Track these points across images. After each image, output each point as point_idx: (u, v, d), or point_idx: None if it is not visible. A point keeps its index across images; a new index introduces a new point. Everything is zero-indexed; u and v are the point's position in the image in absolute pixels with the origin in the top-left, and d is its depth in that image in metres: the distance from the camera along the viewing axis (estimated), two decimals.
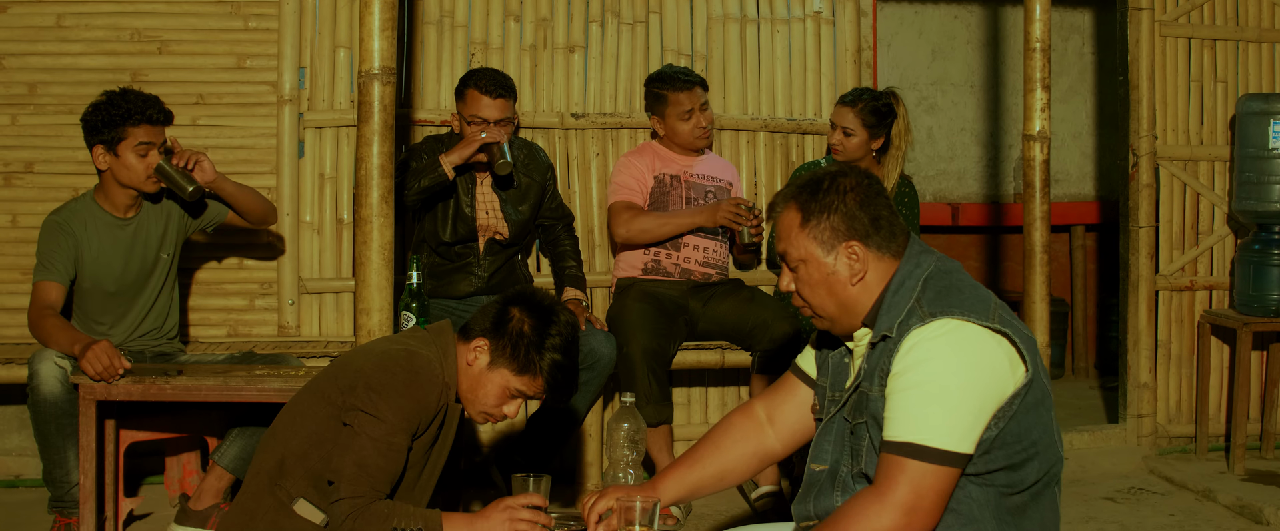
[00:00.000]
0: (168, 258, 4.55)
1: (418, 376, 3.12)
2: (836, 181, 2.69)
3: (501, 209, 4.93)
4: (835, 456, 2.75)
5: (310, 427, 3.16)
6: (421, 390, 3.12)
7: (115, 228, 4.42)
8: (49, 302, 4.25)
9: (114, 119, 4.28)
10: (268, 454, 3.21)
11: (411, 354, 3.16)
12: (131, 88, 4.43)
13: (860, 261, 2.67)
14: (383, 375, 3.09)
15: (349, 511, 3.00)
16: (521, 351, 3.16)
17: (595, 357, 4.66)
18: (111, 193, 4.40)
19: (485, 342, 3.19)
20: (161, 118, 4.37)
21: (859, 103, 5.03)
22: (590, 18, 5.49)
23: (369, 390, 3.07)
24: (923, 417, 2.49)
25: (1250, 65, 5.87)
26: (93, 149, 4.34)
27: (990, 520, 2.58)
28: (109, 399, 4.00)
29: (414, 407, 3.10)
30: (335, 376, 3.19)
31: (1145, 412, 5.79)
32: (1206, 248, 5.85)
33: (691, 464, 3.00)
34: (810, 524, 2.75)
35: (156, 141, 4.36)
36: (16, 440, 5.17)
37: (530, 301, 3.21)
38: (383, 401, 3.06)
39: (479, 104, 4.75)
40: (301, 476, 3.15)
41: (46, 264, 4.31)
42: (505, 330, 3.17)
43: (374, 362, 3.14)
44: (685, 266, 5.06)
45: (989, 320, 2.54)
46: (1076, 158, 8.06)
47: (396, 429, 3.06)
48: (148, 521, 4.64)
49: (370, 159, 3.80)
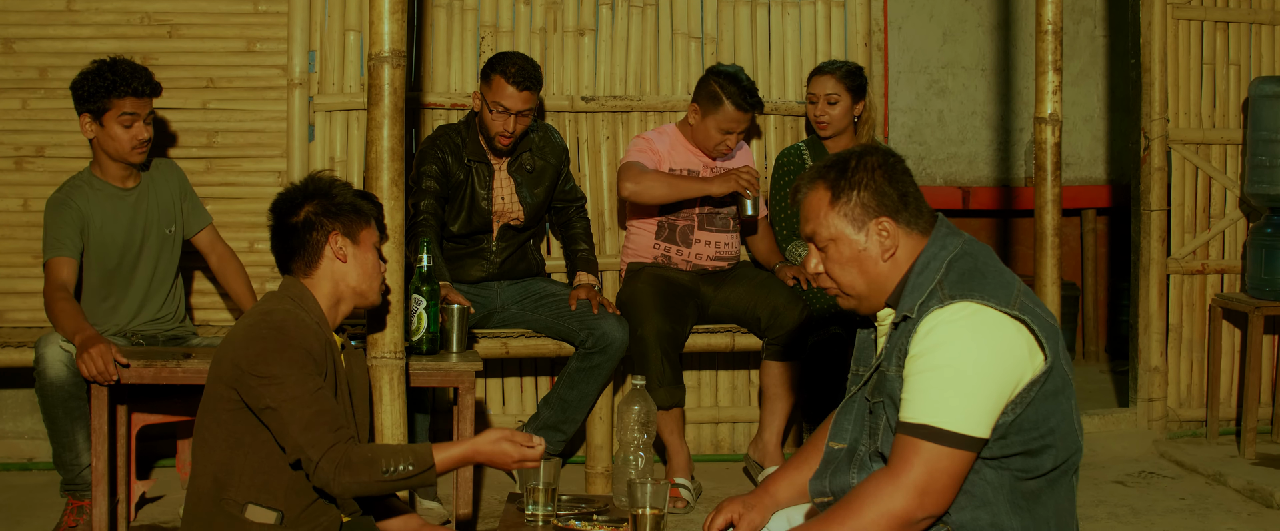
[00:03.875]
0: (171, 233, 4.56)
1: (284, 327, 3.07)
2: (863, 159, 2.69)
3: (517, 192, 4.92)
4: (854, 435, 2.76)
5: (222, 433, 3.10)
6: (296, 336, 3.06)
7: (116, 197, 4.44)
8: (61, 282, 4.27)
9: (100, 89, 4.32)
10: (200, 477, 3.14)
11: (266, 313, 3.13)
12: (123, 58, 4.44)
13: (891, 237, 2.67)
14: (256, 346, 3.04)
15: (330, 468, 2.93)
16: (351, 207, 3.25)
17: (607, 341, 4.65)
18: (104, 163, 4.45)
19: (334, 232, 3.22)
20: (148, 90, 4.40)
21: (839, 68, 5.11)
22: (600, 0, 5.48)
23: (252, 365, 3.01)
24: (939, 400, 2.49)
25: (1263, 47, 5.84)
26: (81, 117, 4.39)
27: (1004, 503, 2.58)
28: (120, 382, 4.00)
29: (299, 353, 3.04)
30: (216, 378, 3.12)
31: (1156, 396, 5.78)
32: (1218, 231, 5.83)
33: (800, 465, 2.96)
34: (826, 500, 2.75)
35: (142, 112, 4.39)
36: (28, 423, 5.19)
37: (302, 194, 3.26)
38: (270, 366, 3.00)
39: (503, 92, 4.72)
40: (240, 483, 3.08)
41: (55, 240, 4.33)
42: (327, 215, 3.22)
43: (241, 343, 3.08)
44: (697, 263, 5.04)
45: (1010, 306, 2.53)
46: (1088, 141, 8.03)
47: (300, 378, 3.00)
48: (160, 503, 4.66)
49: (380, 142, 3.79)
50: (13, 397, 5.20)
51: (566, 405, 4.78)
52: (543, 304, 4.86)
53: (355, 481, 2.94)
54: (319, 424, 2.97)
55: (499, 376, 5.40)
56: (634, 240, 5.12)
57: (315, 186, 3.27)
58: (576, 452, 5.28)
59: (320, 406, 3.00)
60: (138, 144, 4.40)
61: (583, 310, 4.72)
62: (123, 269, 4.47)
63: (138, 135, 4.38)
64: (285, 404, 2.98)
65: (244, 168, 5.23)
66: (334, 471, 2.93)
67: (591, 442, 4.92)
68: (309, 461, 2.95)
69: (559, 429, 4.80)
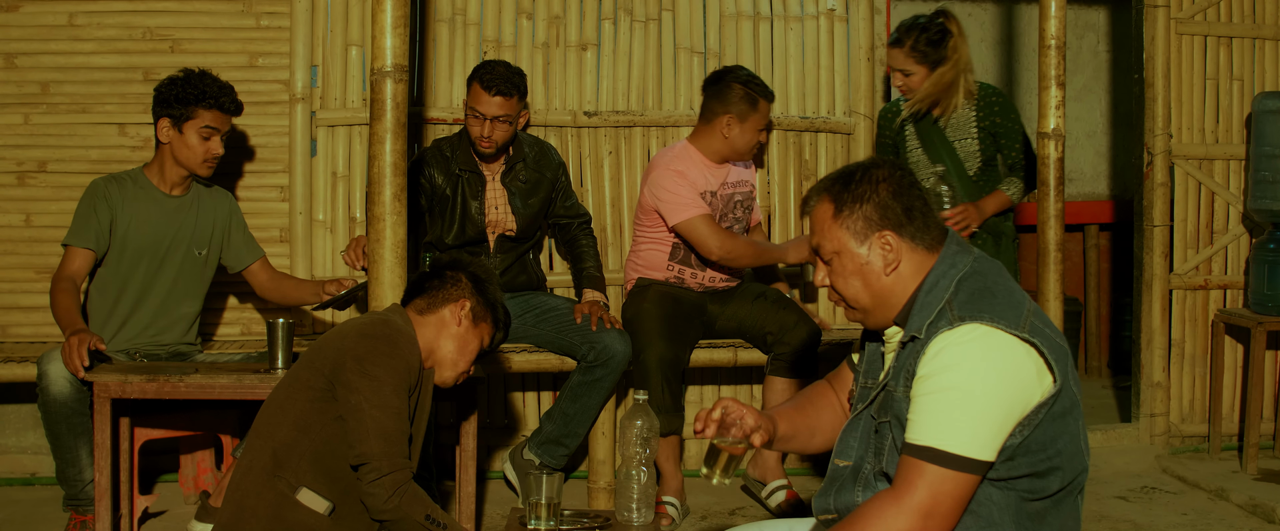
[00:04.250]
0: (199, 255, 4.57)
1: (397, 339, 3.24)
2: (869, 172, 2.70)
3: (510, 203, 4.92)
4: (859, 453, 2.76)
5: (294, 416, 3.19)
6: (405, 350, 3.23)
7: (157, 202, 4.48)
8: (70, 273, 4.33)
9: (187, 97, 4.40)
10: (257, 450, 3.22)
11: (385, 321, 3.30)
12: (210, 72, 4.51)
13: (894, 251, 2.67)
14: (367, 343, 3.18)
15: (392, 489, 3.05)
16: (488, 305, 3.46)
17: (609, 355, 4.65)
18: (165, 168, 4.49)
19: (469, 302, 3.42)
20: (232, 108, 4.51)
21: (907, 39, 4.89)
22: (603, 15, 5.48)
23: (359, 361, 3.14)
24: (946, 423, 2.49)
25: (1267, 63, 5.84)
26: (159, 120, 4.44)
27: (1010, 524, 2.58)
28: (123, 397, 4.00)
29: (403, 367, 3.19)
30: (310, 363, 3.24)
31: (1158, 412, 5.77)
32: (1221, 247, 5.82)
33: (796, 410, 3.00)
34: (830, 517, 2.75)
35: (222, 128, 4.48)
36: (31, 438, 5.18)
37: (457, 263, 3.51)
38: (376, 367, 3.13)
39: (479, 98, 4.75)
40: (299, 465, 3.17)
41: (79, 229, 4.39)
42: (469, 289, 3.44)
43: (353, 338, 3.22)
44: (709, 285, 5.03)
45: (1019, 328, 2.52)
46: (1091, 156, 8.03)
47: (397, 390, 3.14)
48: (163, 519, 4.65)
49: (383, 157, 3.80)
50: (15, 413, 5.20)
51: (569, 419, 4.77)
52: (545, 318, 4.86)
53: (402, 509, 3.08)
54: (398, 440, 3.11)
55: (501, 391, 5.40)
56: (645, 255, 5.03)
57: (484, 271, 3.51)
58: (578, 467, 5.28)
59: (402, 426, 3.14)
60: (210, 157, 4.47)
61: (585, 324, 4.72)
62: (138, 275, 4.47)
63: (212, 149, 4.46)
64: (374, 406, 3.10)
65: (246, 182, 5.23)
66: (393, 490, 3.06)
67: (594, 458, 4.92)
68: (375, 469, 3.06)
69: (561, 443, 4.79)
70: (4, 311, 5.13)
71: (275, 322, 4.04)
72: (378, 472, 3.05)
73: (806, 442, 3.00)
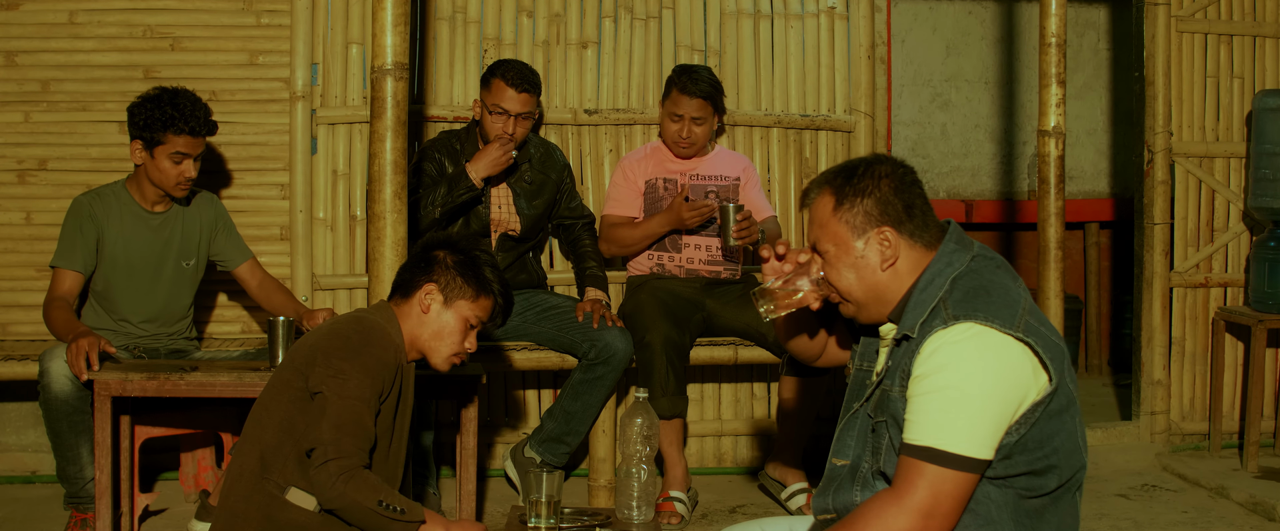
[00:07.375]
0: (188, 266, 4.57)
1: (370, 336, 3.21)
2: (872, 167, 2.70)
3: (515, 203, 4.93)
4: (857, 452, 2.76)
5: (278, 417, 3.19)
6: (377, 347, 3.20)
7: (141, 219, 4.46)
8: (61, 293, 4.33)
9: (157, 121, 4.33)
10: (245, 455, 3.22)
11: (359, 319, 3.29)
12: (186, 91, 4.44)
13: (892, 247, 2.67)
14: (336, 340, 3.18)
15: (338, 473, 3.01)
16: (470, 278, 3.34)
17: (610, 352, 4.65)
18: (143, 185, 4.47)
19: (433, 285, 3.34)
20: (204, 130, 4.42)
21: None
22: (603, 13, 5.48)
23: (327, 357, 3.14)
24: (943, 422, 2.49)
25: (1268, 60, 5.83)
26: (132, 141, 4.40)
27: (1008, 521, 2.58)
28: (124, 395, 4.00)
29: (374, 364, 3.17)
30: (291, 363, 3.25)
31: (1159, 410, 5.77)
32: (1221, 244, 5.82)
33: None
34: (829, 516, 2.75)
35: (194, 153, 4.41)
36: (32, 436, 5.19)
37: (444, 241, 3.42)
38: (341, 361, 3.13)
39: (503, 95, 4.77)
40: (285, 466, 3.16)
41: (66, 251, 4.38)
42: (443, 267, 3.35)
43: (325, 335, 3.23)
44: (690, 267, 5.04)
45: (1013, 327, 2.52)
46: (1091, 154, 8.03)
47: (363, 385, 3.12)
48: (163, 517, 4.65)
49: (383, 154, 3.80)
50: (16, 411, 5.20)
51: (570, 417, 4.77)
52: (546, 316, 4.86)
53: (350, 497, 3.02)
54: (352, 432, 3.07)
55: (502, 389, 5.40)
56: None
57: (465, 243, 3.43)
58: (579, 465, 5.28)
59: (362, 421, 3.10)
60: (182, 181, 4.42)
61: (586, 322, 4.72)
62: (131, 290, 4.48)
63: (185, 172, 4.41)
64: (335, 398, 3.09)
65: (247, 180, 5.23)
66: (339, 475, 3.01)
67: (594, 456, 4.92)
68: (321, 455, 3.04)
69: (562, 441, 4.79)
70: (5, 309, 5.13)
71: (276, 321, 4.04)
72: (324, 458, 3.02)
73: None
